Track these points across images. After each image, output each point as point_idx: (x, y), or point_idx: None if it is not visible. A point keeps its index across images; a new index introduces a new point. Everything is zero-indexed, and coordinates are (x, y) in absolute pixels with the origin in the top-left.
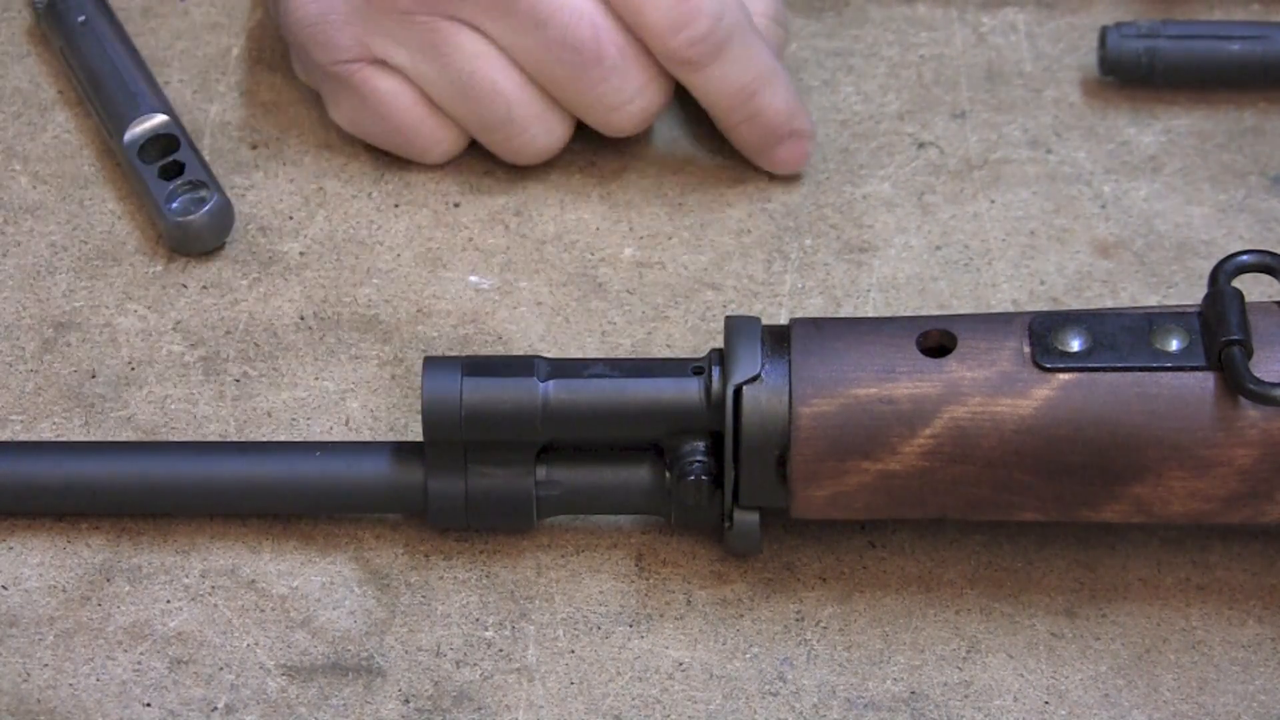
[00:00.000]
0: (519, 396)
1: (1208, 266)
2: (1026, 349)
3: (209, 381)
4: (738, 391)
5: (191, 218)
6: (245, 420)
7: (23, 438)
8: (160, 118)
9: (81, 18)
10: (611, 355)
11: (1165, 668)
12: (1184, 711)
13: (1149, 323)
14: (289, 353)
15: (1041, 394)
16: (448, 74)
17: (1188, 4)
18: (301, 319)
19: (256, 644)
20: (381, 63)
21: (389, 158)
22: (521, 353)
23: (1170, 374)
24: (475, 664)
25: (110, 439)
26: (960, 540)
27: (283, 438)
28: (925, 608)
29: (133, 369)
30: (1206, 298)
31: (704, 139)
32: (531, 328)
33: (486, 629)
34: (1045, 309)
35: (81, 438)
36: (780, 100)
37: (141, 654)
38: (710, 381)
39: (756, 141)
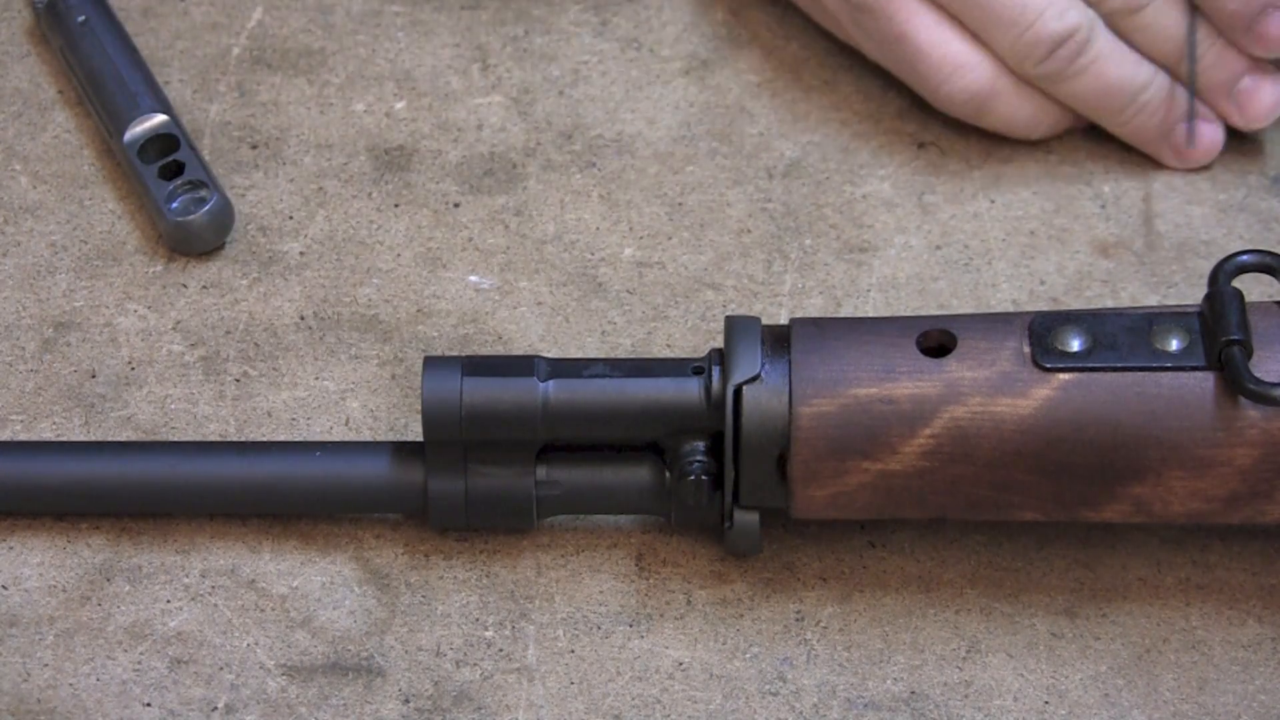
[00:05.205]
0: (519, 396)
1: (1208, 266)
2: (1026, 349)
3: (209, 381)
4: (738, 391)
5: (191, 218)
6: (245, 420)
7: (23, 438)
8: (160, 118)
9: (81, 18)
10: (611, 355)
11: (1165, 668)
12: (1184, 711)
13: (1149, 323)
14: (289, 353)
15: (1041, 394)
16: None
17: None
18: (301, 319)
19: (256, 644)
20: None
21: (389, 158)
22: (521, 353)
23: (1170, 374)
24: (475, 664)
25: (110, 439)
26: (960, 540)
27: (283, 438)
28: (925, 608)
29: (133, 369)
30: (1206, 298)
31: (704, 139)
32: (531, 328)
33: (486, 629)
34: (1045, 309)
35: (81, 438)
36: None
37: (141, 654)
38: (710, 381)
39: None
